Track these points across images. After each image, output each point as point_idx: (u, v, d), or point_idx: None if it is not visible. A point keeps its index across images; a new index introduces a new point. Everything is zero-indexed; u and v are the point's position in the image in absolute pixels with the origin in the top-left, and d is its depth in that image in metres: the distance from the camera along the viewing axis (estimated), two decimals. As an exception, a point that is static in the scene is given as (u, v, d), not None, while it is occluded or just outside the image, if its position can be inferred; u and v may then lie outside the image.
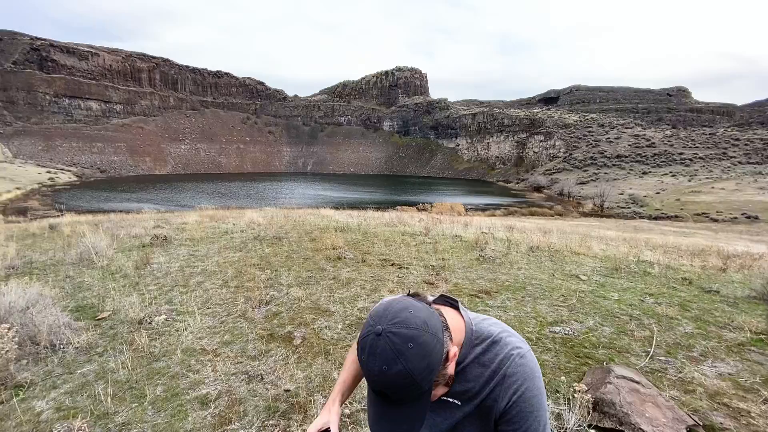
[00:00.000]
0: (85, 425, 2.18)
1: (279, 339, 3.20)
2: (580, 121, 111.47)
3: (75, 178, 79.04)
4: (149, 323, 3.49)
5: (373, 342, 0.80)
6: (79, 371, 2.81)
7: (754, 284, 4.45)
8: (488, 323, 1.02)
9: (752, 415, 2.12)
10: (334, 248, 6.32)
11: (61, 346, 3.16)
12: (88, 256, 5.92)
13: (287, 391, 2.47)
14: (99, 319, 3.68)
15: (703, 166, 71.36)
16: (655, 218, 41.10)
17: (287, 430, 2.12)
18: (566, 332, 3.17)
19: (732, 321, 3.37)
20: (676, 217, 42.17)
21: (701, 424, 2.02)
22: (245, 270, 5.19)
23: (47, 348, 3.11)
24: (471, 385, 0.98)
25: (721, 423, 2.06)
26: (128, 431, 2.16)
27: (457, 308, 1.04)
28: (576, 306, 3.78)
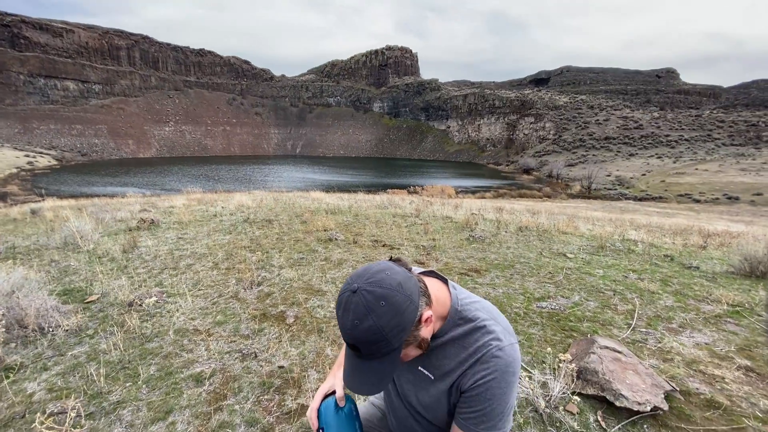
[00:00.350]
0: (78, 404, 2.18)
1: (272, 318, 3.23)
2: (570, 102, 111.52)
3: (55, 162, 76.44)
4: (140, 305, 3.47)
5: (348, 298, 0.85)
6: (70, 353, 2.79)
7: (732, 260, 4.62)
8: (477, 307, 1.02)
9: (726, 381, 2.25)
10: (325, 230, 6.31)
11: (50, 329, 3.12)
12: (72, 241, 5.79)
13: (281, 367, 2.50)
14: (88, 302, 3.64)
15: (688, 147, 72.64)
16: (641, 199, 41.97)
17: (282, 403, 2.17)
18: (553, 307, 3.27)
19: (710, 295, 3.51)
20: (661, 198, 43.14)
21: (678, 389, 2.13)
22: (236, 252, 5.16)
23: (36, 331, 3.07)
24: (447, 362, 1.00)
25: (696, 388, 2.17)
26: (123, 409, 2.17)
27: (445, 283, 1.06)
28: (562, 282, 3.89)
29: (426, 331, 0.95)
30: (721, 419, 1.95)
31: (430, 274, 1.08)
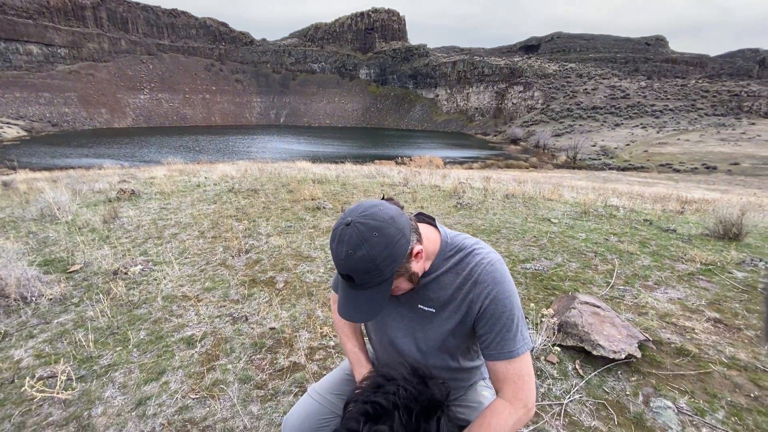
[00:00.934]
0: (68, 368, 2.19)
1: (261, 284, 3.24)
2: (560, 71, 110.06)
3: (24, 133, 72.32)
4: (125, 274, 3.42)
5: (343, 230, 0.89)
6: (55, 321, 2.76)
7: (707, 223, 4.80)
8: (462, 237, 1.09)
9: (696, 331, 2.39)
10: (312, 199, 6.25)
11: (33, 299, 3.06)
12: (50, 212, 5.58)
13: (272, 329, 2.54)
14: (70, 272, 3.57)
15: (672, 117, 73.45)
16: (623, 169, 42.76)
17: (275, 362, 2.21)
18: (536, 268, 3.37)
19: (685, 255, 3.67)
20: (642, 167, 44.04)
21: (651, 339, 2.26)
22: (221, 221, 5.08)
23: (18, 301, 3.01)
24: (444, 291, 1.05)
25: (668, 338, 2.31)
26: (114, 371, 2.18)
27: (433, 224, 1.11)
28: (546, 245, 3.99)
29: (417, 266, 0.98)
30: (689, 365, 2.09)
31: (419, 217, 1.12)
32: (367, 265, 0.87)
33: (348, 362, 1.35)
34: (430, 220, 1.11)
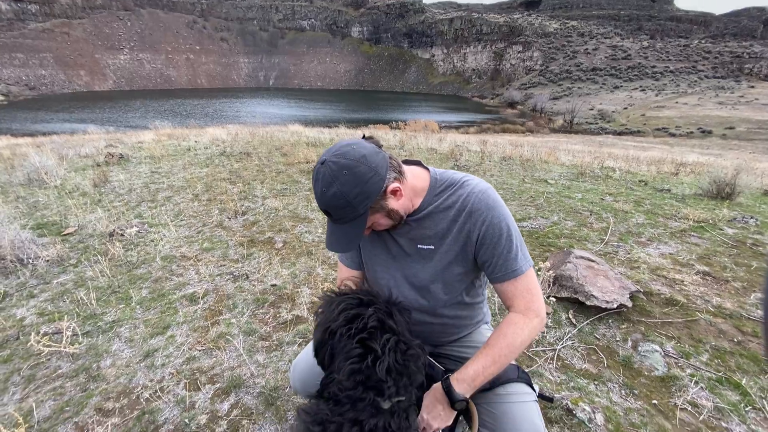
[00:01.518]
0: (73, 324, 2.22)
1: (260, 244, 3.24)
2: (561, 29, 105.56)
3: (1, 98, 68.86)
4: (121, 235, 3.39)
5: (318, 169, 0.94)
6: (55, 281, 2.77)
7: (702, 183, 4.84)
8: (451, 173, 1.12)
9: (685, 283, 2.47)
10: (307, 162, 6.14)
11: (30, 260, 3.05)
12: (37, 177, 5.44)
13: (274, 285, 2.58)
14: (65, 235, 3.53)
15: (672, 80, 71.92)
16: (619, 134, 42.39)
17: (278, 315, 2.26)
18: (533, 226, 3.41)
19: (678, 213, 3.72)
20: (639, 132, 43.68)
21: (642, 290, 2.34)
22: (215, 184, 5.00)
23: (14, 262, 2.99)
24: (440, 225, 1.07)
25: (658, 290, 2.39)
26: (120, 327, 2.22)
27: (422, 165, 1.14)
28: (543, 205, 4.02)
29: (396, 204, 1.02)
30: (677, 314, 2.18)
31: (413, 162, 1.15)
32: (339, 201, 0.92)
33: None
34: (417, 162, 1.14)
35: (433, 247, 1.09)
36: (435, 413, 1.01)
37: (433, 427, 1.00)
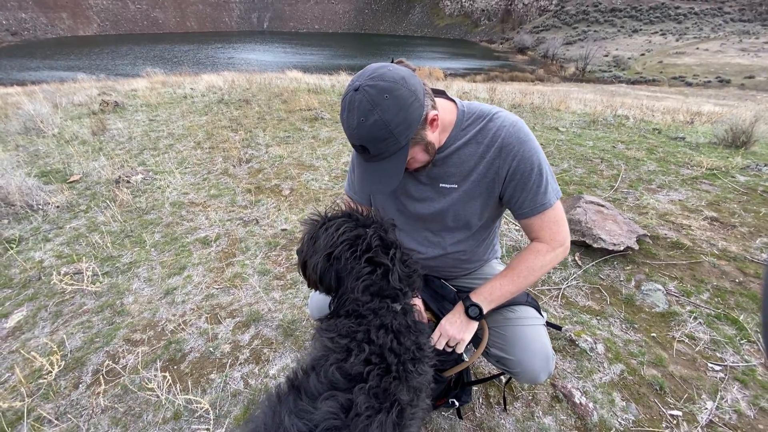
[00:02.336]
0: (92, 265, 2.29)
1: (267, 191, 3.23)
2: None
3: (-20, 43, 65.15)
4: (127, 182, 3.38)
5: (352, 97, 0.82)
6: (68, 226, 2.81)
7: (717, 131, 4.69)
8: (478, 104, 1.03)
9: (692, 228, 2.49)
10: (309, 109, 5.93)
11: (40, 207, 3.07)
12: (34, 125, 5.30)
13: (284, 230, 2.61)
14: (71, 182, 3.52)
15: (695, 23, 66.87)
16: (634, 83, 40.36)
17: (290, 258, 2.32)
18: (543, 174, 3.37)
19: (691, 161, 3.65)
20: (654, 81, 41.56)
21: (649, 234, 2.36)
22: (216, 132, 4.88)
23: (25, 208, 3.02)
24: (466, 164, 1.01)
25: (665, 234, 2.41)
26: (137, 268, 2.29)
27: (447, 96, 1.04)
28: (553, 152, 3.93)
29: (432, 135, 0.94)
30: (682, 256, 2.22)
31: (437, 93, 1.04)
32: (381, 131, 0.81)
33: None
34: (442, 94, 1.03)
35: (456, 186, 1.04)
36: (452, 320, 1.06)
37: (448, 333, 1.04)
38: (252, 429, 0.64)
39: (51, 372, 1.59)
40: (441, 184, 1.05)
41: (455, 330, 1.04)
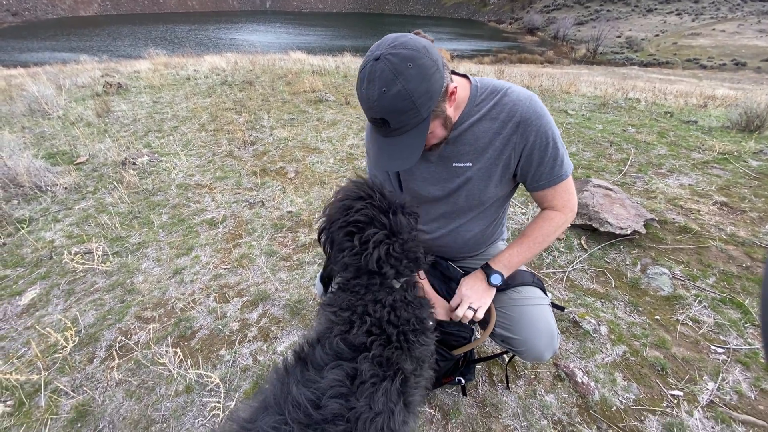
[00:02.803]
0: (102, 245, 2.32)
1: (272, 173, 3.23)
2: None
3: (-19, 23, 64.51)
4: (133, 164, 3.39)
5: (372, 67, 0.78)
6: (77, 207, 2.84)
7: (731, 115, 4.57)
8: (491, 80, 1.01)
9: (701, 213, 2.46)
10: (313, 91, 5.85)
11: (48, 188, 3.10)
12: (38, 107, 5.30)
13: (290, 212, 2.62)
14: (78, 164, 3.54)
15: (713, 2, 64.29)
16: (646, 65, 39.18)
17: (296, 239, 2.34)
18: (550, 157, 3.33)
19: (703, 145, 3.57)
20: (667, 63, 40.31)
21: (657, 219, 2.34)
22: (221, 114, 4.85)
23: (33, 190, 3.05)
24: (480, 141, 0.99)
25: (673, 218, 2.39)
26: (146, 248, 2.32)
27: (455, 72, 1.02)
28: (562, 136, 3.86)
29: (450, 110, 0.92)
30: (689, 241, 2.21)
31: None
32: (404, 102, 0.78)
33: None
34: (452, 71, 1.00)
35: (470, 164, 1.02)
36: (472, 286, 1.08)
37: (469, 299, 1.06)
38: (261, 400, 0.66)
39: (66, 347, 1.64)
40: (454, 164, 1.03)
41: (475, 295, 1.06)
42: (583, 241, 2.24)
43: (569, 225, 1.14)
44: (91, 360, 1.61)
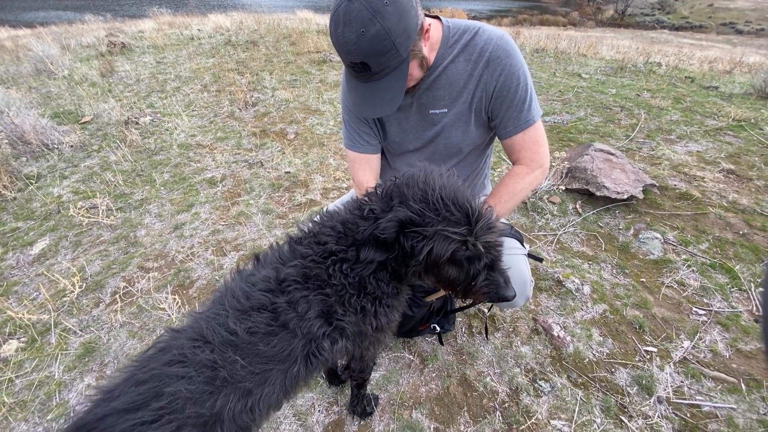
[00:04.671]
0: (107, 201, 2.40)
1: (272, 135, 3.23)
2: None
3: (-16, -20, 63.02)
4: (136, 124, 3.42)
5: (347, 8, 0.75)
6: (82, 164, 2.91)
7: (755, 81, 4.30)
8: (463, 21, 0.98)
9: (705, 180, 2.40)
10: (317, 51, 5.67)
11: (54, 146, 3.17)
12: (44, 68, 5.31)
13: (288, 172, 2.64)
14: (83, 123, 3.58)
15: (761, -45, 58.35)
16: (677, 29, 36.47)
17: (292, 199, 2.38)
18: (555, 121, 3.23)
19: (720, 111, 3.41)
20: (700, 27, 37.44)
21: (657, 185, 2.29)
22: (223, 75, 4.78)
23: (41, 147, 3.12)
24: (455, 85, 0.98)
25: (675, 185, 2.34)
26: (148, 205, 2.40)
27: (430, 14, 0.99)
28: (571, 100, 3.73)
29: (426, 49, 0.90)
30: (688, 207, 2.17)
31: None
32: (383, 43, 0.76)
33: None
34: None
35: (446, 110, 1.01)
36: None
37: None
38: (215, 295, 0.75)
39: (73, 291, 1.75)
40: (431, 111, 1.03)
41: None
42: (578, 206, 2.22)
43: (539, 184, 1.09)
44: (97, 304, 1.72)
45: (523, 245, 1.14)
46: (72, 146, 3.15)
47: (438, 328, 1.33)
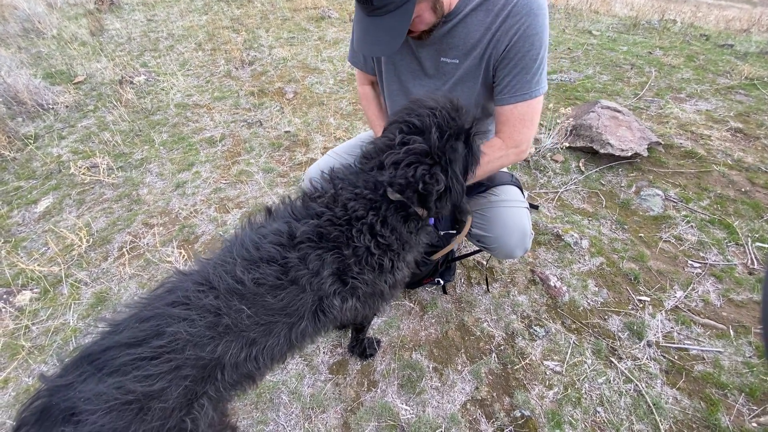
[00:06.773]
0: (107, 160, 2.39)
1: (271, 94, 3.15)
2: None
3: (-42, -68, 58.83)
4: (131, 83, 3.33)
5: None
6: (79, 125, 2.87)
7: (775, 38, 4.11)
8: None
9: (711, 138, 2.36)
10: (315, 7, 5.40)
11: (50, 106, 3.11)
12: (32, 27, 5.11)
13: (287, 132, 2.61)
14: (76, 83, 3.49)
15: None
16: (697, -15, 34.36)
17: (293, 158, 2.36)
18: (562, 79, 3.13)
19: (733, 69, 3.28)
20: (722, -18, 35.24)
21: (663, 143, 2.26)
22: (217, 33, 4.58)
23: (36, 108, 3.06)
24: (472, 34, 0.93)
25: (680, 143, 2.31)
26: (149, 164, 2.39)
27: None
28: (580, 58, 3.59)
29: None
30: (692, 165, 2.15)
31: None
32: None
33: (365, 135, 1.39)
34: None
35: (457, 62, 0.96)
36: None
37: None
38: (226, 243, 0.75)
39: (81, 245, 1.78)
40: (442, 58, 0.99)
41: None
42: (581, 164, 2.20)
43: (509, 164, 1.04)
44: (106, 258, 1.77)
45: (523, 194, 1.15)
46: (67, 106, 3.09)
47: (441, 281, 1.36)
